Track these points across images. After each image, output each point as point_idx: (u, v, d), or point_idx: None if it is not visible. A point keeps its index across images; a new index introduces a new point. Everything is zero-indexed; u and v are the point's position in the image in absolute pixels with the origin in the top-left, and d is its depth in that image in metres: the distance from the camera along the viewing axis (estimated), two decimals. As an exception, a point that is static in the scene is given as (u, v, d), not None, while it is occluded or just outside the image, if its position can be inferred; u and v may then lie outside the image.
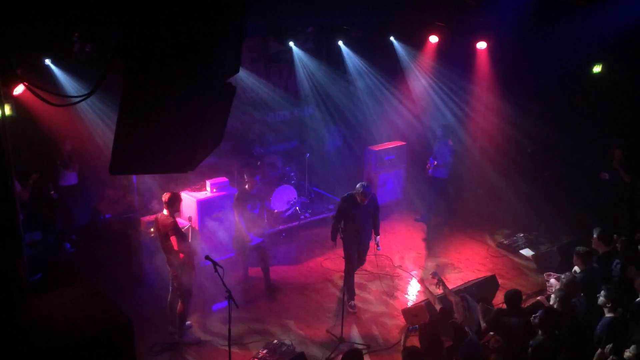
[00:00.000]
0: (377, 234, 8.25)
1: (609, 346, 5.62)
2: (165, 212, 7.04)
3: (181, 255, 6.97)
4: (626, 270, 7.19)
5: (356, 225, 7.98)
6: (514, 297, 6.47)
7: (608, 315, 6.05)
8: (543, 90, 10.87)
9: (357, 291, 8.70)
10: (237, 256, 8.73)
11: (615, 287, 6.25)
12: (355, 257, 8.10)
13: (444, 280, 7.26)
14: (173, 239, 6.89)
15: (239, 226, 8.29)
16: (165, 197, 7.04)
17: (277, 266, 9.31)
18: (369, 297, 8.58)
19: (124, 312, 3.89)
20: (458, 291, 7.91)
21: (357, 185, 7.87)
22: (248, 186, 8.44)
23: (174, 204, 7.05)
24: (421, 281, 7.39)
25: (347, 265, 8.14)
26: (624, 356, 5.44)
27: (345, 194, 8.06)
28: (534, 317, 5.88)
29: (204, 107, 3.19)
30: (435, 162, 10.62)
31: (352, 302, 8.20)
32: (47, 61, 8.06)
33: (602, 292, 6.07)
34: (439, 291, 7.21)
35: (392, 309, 8.25)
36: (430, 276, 7.32)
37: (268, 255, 8.76)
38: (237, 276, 8.64)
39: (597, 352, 5.83)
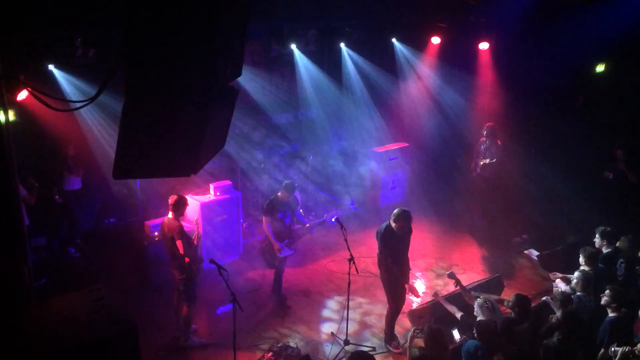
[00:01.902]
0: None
1: (613, 346, 5.57)
2: (170, 215, 7.04)
3: (187, 259, 6.97)
4: (631, 269, 7.16)
5: (400, 258, 7.27)
6: (523, 302, 6.36)
7: (611, 315, 6.02)
8: (546, 89, 10.85)
9: (362, 292, 8.70)
10: (268, 267, 8.30)
11: (620, 286, 6.21)
12: (402, 294, 7.36)
13: (449, 282, 7.23)
14: (179, 243, 6.88)
15: (268, 235, 7.94)
16: (171, 199, 7.04)
17: (282, 269, 9.30)
18: (373, 299, 8.57)
19: (129, 316, 3.90)
20: (474, 291, 7.86)
21: (396, 211, 7.08)
22: (281, 194, 8.01)
23: (179, 207, 7.04)
24: (436, 295, 7.23)
25: (393, 305, 7.41)
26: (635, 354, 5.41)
27: (382, 228, 7.17)
28: (551, 317, 5.85)
29: (206, 110, 3.19)
30: (487, 160, 10.55)
31: (395, 342, 7.49)
32: (51, 66, 8.09)
33: (607, 292, 6.03)
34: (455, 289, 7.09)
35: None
36: (447, 276, 7.22)
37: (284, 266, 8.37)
38: (251, 278, 8.56)
39: (601, 352, 5.80)
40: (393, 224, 7.07)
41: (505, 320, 6.13)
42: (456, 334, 6.70)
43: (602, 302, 6.09)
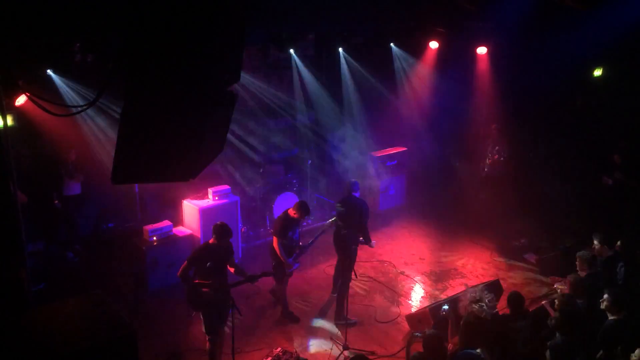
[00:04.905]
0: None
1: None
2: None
3: (203, 288, 6.63)
4: (631, 273, 7.15)
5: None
6: (517, 299, 6.41)
7: (611, 318, 6.01)
8: (544, 94, 10.87)
9: (361, 297, 8.71)
10: (277, 283, 8.18)
11: (619, 290, 6.20)
12: None
13: (448, 286, 7.21)
14: (183, 264, 6.66)
15: (280, 255, 7.77)
16: (215, 226, 6.84)
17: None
18: (372, 303, 8.56)
19: (128, 321, 3.89)
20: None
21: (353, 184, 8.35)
22: (293, 212, 7.78)
23: (216, 233, 6.75)
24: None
25: (349, 278, 7.98)
26: (630, 359, 5.40)
27: (364, 203, 8.31)
28: (551, 319, 5.85)
29: (205, 115, 3.20)
30: (495, 157, 10.84)
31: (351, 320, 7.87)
32: (49, 71, 8.09)
33: (606, 297, 6.03)
34: None
35: (395, 314, 8.23)
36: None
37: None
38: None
39: (599, 354, 5.79)
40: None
41: (500, 315, 6.15)
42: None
43: (602, 306, 6.08)
